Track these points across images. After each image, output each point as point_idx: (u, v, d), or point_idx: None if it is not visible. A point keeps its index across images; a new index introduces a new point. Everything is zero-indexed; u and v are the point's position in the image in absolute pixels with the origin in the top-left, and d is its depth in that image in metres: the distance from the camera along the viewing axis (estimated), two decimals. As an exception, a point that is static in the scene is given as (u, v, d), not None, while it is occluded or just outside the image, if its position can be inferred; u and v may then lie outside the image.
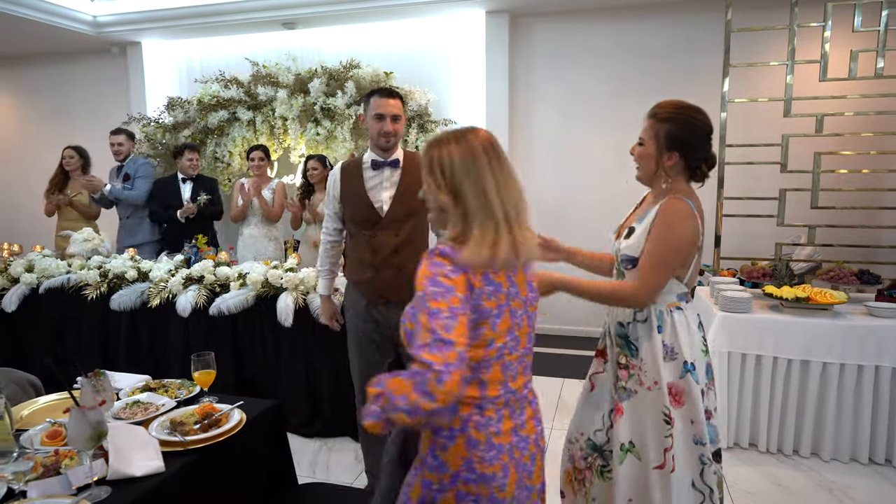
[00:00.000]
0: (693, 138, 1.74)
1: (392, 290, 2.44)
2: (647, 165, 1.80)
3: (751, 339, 3.03)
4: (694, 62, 4.71)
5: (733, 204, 3.91)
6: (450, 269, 1.17)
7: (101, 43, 5.90)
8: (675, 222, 1.68)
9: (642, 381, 1.78)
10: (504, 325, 1.25)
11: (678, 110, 1.77)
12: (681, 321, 1.76)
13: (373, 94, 2.39)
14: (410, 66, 5.21)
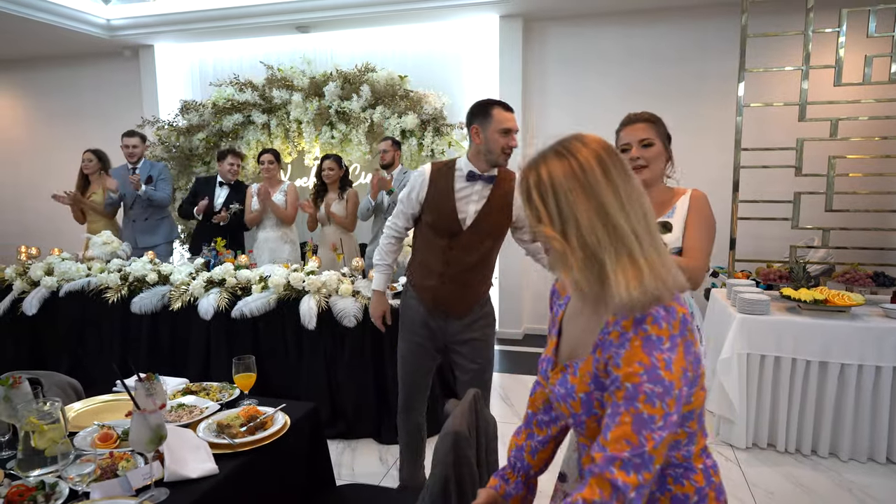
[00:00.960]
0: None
1: (453, 305, 2.40)
2: (659, 164, 1.90)
3: (769, 341, 3.07)
4: (706, 67, 4.75)
5: (747, 207, 3.96)
6: (668, 347, 0.91)
7: (113, 46, 5.93)
8: (709, 208, 1.85)
9: None
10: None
11: (652, 113, 1.96)
12: (696, 307, 1.90)
13: (493, 106, 2.25)
14: (424, 69, 5.25)
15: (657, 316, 0.92)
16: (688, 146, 4.92)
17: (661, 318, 0.92)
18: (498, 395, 3.99)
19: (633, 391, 0.90)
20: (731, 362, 3.08)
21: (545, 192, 0.98)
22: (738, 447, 3.16)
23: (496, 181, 2.34)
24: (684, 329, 0.93)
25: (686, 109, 4.87)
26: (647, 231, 0.97)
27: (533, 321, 5.50)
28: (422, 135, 4.74)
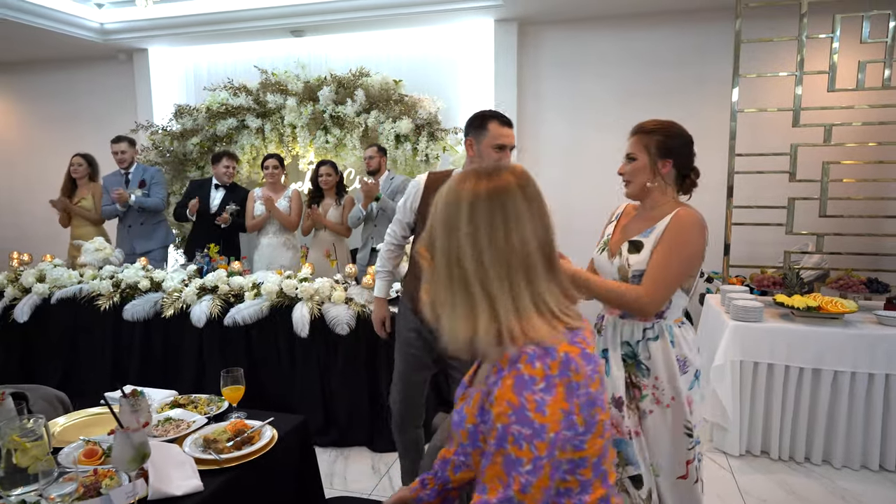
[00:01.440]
0: (681, 145, 1.83)
1: None
2: (640, 179, 1.85)
3: (763, 348, 3.06)
4: (703, 71, 4.75)
5: (742, 212, 3.95)
6: (541, 388, 0.88)
7: (107, 50, 5.91)
8: (690, 232, 1.73)
9: (659, 400, 1.81)
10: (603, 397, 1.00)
11: (661, 122, 1.85)
12: (687, 334, 1.84)
13: (489, 119, 2.17)
14: (419, 73, 5.24)
15: (531, 355, 0.90)
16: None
17: (535, 357, 0.89)
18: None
19: (502, 432, 0.88)
20: (725, 369, 3.07)
21: (434, 206, 1.00)
22: (731, 454, 3.15)
23: None
24: (566, 370, 0.90)
25: (683, 113, 4.77)
26: (507, 284, 0.93)
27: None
28: (416, 139, 4.72)
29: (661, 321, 1.82)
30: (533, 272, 0.96)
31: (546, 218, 1.00)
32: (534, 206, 0.98)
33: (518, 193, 0.98)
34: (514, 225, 0.95)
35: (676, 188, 1.88)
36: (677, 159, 1.83)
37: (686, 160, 1.85)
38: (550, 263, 0.99)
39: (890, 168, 4.17)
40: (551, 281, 0.98)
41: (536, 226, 0.97)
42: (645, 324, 1.84)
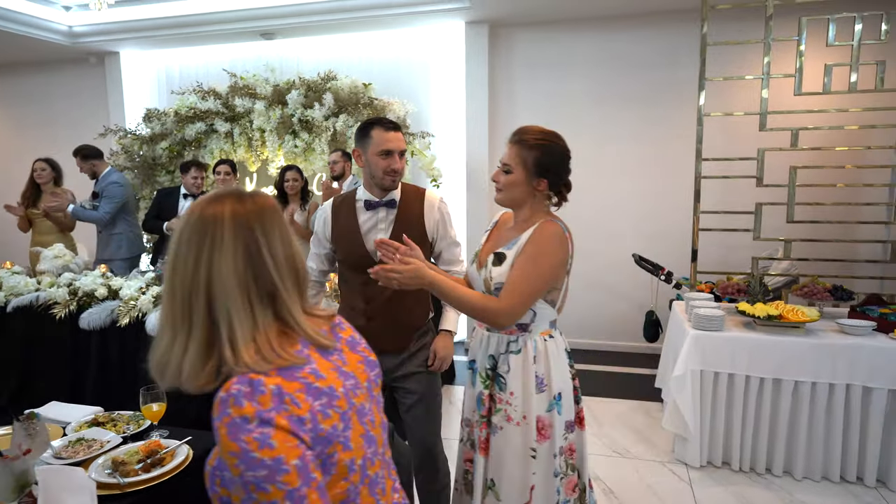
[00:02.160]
0: (558, 164, 1.76)
1: (385, 341, 2.19)
2: (514, 192, 1.78)
3: (723, 358, 3.00)
4: (675, 75, 4.69)
5: (712, 218, 3.90)
6: (256, 425, 0.83)
7: (78, 53, 5.85)
8: (549, 244, 1.70)
9: (510, 417, 1.75)
10: (357, 434, 0.97)
11: (544, 137, 1.76)
12: (553, 350, 1.77)
13: (372, 127, 2.09)
14: (391, 76, 5.18)
15: (238, 395, 0.84)
16: (656, 154, 4.87)
17: (242, 396, 0.84)
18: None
19: (241, 482, 0.81)
20: (685, 379, 3.01)
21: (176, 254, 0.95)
22: (692, 466, 3.09)
23: (400, 204, 2.18)
24: (280, 403, 0.85)
25: (654, 116, 4.81)
26: (227, 319, 0.90)
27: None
28: (384, 144, 4.65)
29: (526, 334, 1.77)
30: (250, 302, 0.93)
31: (272, 248, 0.96)
32: (247, 234, 0.94)
33: (228, 221, 0.93)
34: (218, 255, 0.92)
35: (548, 200, 1.82)
36: (553, 178, 1.76)
37: (561, 178, 1.78)
38: (274, 292, 0.95)
39: (858, 173, 4.13)
40: (275, 308, 0.95)
41: (241, 257, 0.92)
42: (510, 336, 1.79)
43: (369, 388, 1.07)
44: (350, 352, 1.07)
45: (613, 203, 4.99)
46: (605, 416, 3.78)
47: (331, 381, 0.95)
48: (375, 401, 1.08)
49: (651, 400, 3.96)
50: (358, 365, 1.06)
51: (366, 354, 1.11)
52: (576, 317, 5.17)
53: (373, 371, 1.11)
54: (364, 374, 1.07)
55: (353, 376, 1.02)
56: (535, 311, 1.76)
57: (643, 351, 4.90)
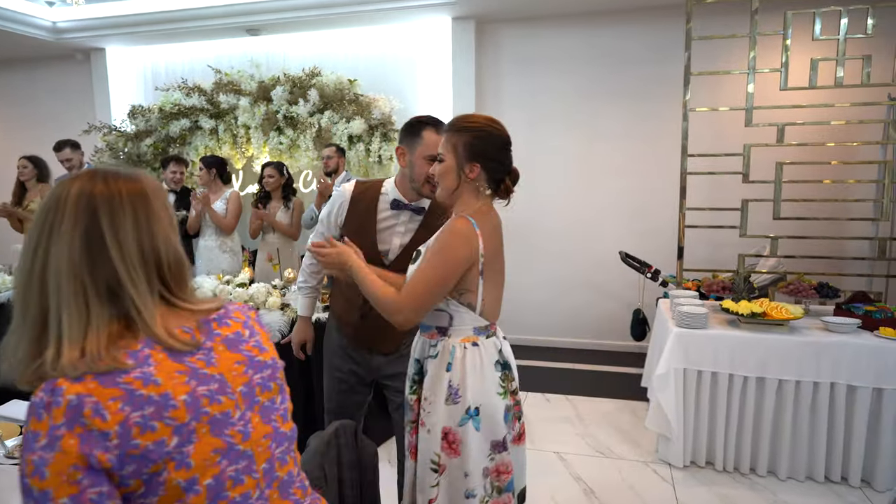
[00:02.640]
0: (490, 148, 1.62)
1: (377, 343, 2.19)
2: (448, 182, 1.66)
3: (706, 356, 2.96)
4: (662, 70, 4.65)
5: (699, 215, 3.85)
6: (43, 444, 0.75)
7: (64, 49, 5.79)
8: (451, 240, 1.58)
9: (423, 422, 1.66)
10: (208, 449, 0.85)
11: (475, 120, 1.66)
12: (473, 360, 1.61)
13: (424, 127, 1.96)
14: (377, 72, 5.13)
15: (38, 405, 0.76)
16: (644, 151, 4.83)
17: (41, 406, 0.76)
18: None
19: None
20: (668, 378, 2.97)
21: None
22: (675, 466, 3.05)
23: (427, 214, 2.06)
24: (76, 415, 0.76)
25: (642, 112, 4.77)
26: (56, 312, 0.82)
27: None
28: (369, 140, 4.61)
29: (445, 339, 1.64)
30: (85, 295, 0.84)
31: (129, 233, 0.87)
32: (88, 219, 0.86)
33: (71, 203, 0.85)
34: (56, 239, 0.84)
35: (492, 193, 1.67)
36: (487, 163, 1.62)
37: (498, 164, 1.64)
38: (116, 287, 0.86)
39: (844, 169, 4.09)
40: (118, 304, 0.86)
41: (78, 244, 0.84)
42: (431, 340, 1.68)
43: (248, 392, 0.94)
44: (227, 351, 0.94)
45: (601, 200, 4.95)
46: (591, 416, 3.74)
47: (168, 387, 0.82)
48: (261, 407, 0.95)
49: (637, 399, 3.92)
50: (234, 366, 0.93)
51: (252, 354, 0.97)
52: (563, 315, 5.13)
53: (259, 373, 0.97)
54: (242, 376, 0.94)
55: (220, 379, 0.90)
56: (450, 314, 1.63)
57: (631, 350, 4.86)
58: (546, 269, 5.12)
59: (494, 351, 1.67)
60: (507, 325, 5.31)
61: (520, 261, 5.18)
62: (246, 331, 0.99)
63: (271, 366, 1.00)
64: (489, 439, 1.61)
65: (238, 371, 0.93)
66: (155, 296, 0.89)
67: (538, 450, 3.29)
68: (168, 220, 0.93)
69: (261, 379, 0.97)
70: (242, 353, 0.96)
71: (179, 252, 0.95)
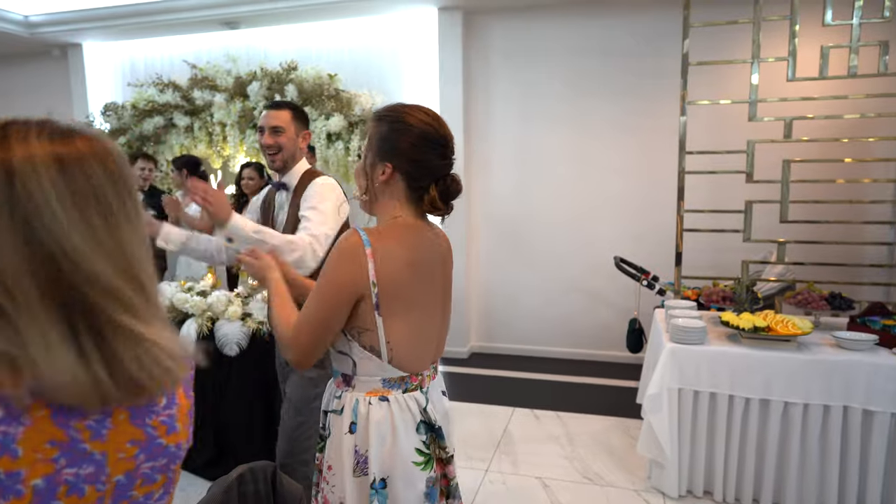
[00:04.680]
0: (405, 143, 1.27)
1: None
2: (358, 183, 1.38)
3: (703, 375, 2.67)
4: (658, 63, 4.35)
5: (699, 217, 3.56)
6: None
7: (40, 45, 5.58)
8: (329, 262, 1.27)
9: (328, 500, 1.34)
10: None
11: (396, 109, 1.32)
12: (382, 421, 1.27)
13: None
14: (361, 66, 4.88)
15: None
16: (640, 149, 4.53)
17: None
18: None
19: None
20: (661, 398, 2.68)
21: None
22: (670, 496, 2.75)
23: (296, 189, 2.14)
24: None
25: (638, 108, 4.48)
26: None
27: (482, 338, 5.10)
28: (349, 138, 4.35)
29: (348, 389, 1.32)
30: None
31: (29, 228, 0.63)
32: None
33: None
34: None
35: (413, 205, 1.32)
36: (402, 164, 1.28)
37: (418, 167, 1.28)
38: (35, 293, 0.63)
39: (860, 167, 3.77)
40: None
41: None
42: (336, 389, 1.36)
43: (126, 484, 0.69)
44: (126, 422, 0.70)
45: (595, 200, 4.65)
46: (580, 436, 3.45)
47: (23, 463, 0.61)
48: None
49: (632, 416, 3.62)
50: (125, 446, 0.69)
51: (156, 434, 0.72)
52: (555, 323, 4.84)
53: (152, 461, 0.72)
54: (129, 461, 0.70)
55: (99, 461, 0.66)
56: (353, 360, 1.30)
57: (627, 361, 4.55)
58: (536, 273, 4.84)
59: (415, 409, 1.32)
60: (494, 334, 5.11)
61: (508, 264, 4.90)
62: (163, 398, 0.74)
63: (172, 454, 0.75)
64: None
65: (127, 454, 0.70)
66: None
67: (520, 475, 3.01)
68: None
69: (150, 469, 0.73)
70: (144, 431, 0.71)
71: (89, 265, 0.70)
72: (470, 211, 4.82)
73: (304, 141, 2.18)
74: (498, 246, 4.91)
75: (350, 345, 1.30)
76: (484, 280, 4.99)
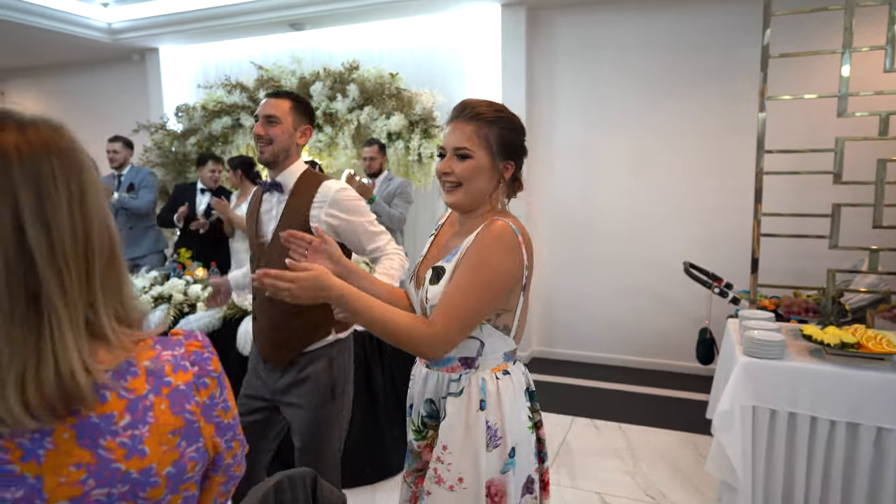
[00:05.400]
0: (522, 142, 1.44)
1: (267, 348, 1.94)
2: (481, 183, 1.37)
3: (782, 392, 2.45)
4: (737, 55, 4.08)
5: (779, 221, 3.30)
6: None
7: (122, 51, 5.89)
8: (492, 248, 1.31)
9: (441, 478, 1.32)
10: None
11: (502, 109, 1.42)
12: (508, 392, 1.36)
13: None
14: (423, 65, 4.86)
15: None
16: (714, 146, 4.28)
17: None
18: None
19: None
20: (733, 416, 2.48)
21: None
22: (741, 521, 2.54)
23: (294, 191, 1.92)
24: None
25: (714, 103, 4.22)
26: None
27: (543, 343, 4.96)
28: (409, 137, 4.32)
29: (471, 371, 1.36)
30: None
31: None
32: None
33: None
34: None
35: (505, 194, 1.45)
36: (519, 160, 1.43)
37: (522, 161, 1.45)
38: None
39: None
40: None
41: None
42: (451, 374, 1.38)
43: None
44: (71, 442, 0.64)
45: (664, 202, 4.42)
46: (644, 450, 3.27)
47: None
48: None
49: (701, 432, 3.40)
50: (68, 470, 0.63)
51: (110, 458, 0.65)
52: (619, 330, 4.64)
53: (106, 487, 0.65)
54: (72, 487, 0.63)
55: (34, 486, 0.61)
56: (481, 341, 1.35)
57: (696, 372, 4.30)
58: (601, 277, 4.65)
59: (522, 377, 1.43)
60: (556, 338, 4.95)
61: (571, 267, 4.74)
62: (127, 415, 0.66)
63: (136, 481, 0.66)
64: (521, 484, 1.39)
65: (70, 478, 0.63)
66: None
67: (577, 489, 2.87)
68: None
69: (105, 496, 0.64)
70: (94, 453, 0.64)
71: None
72: (531, 211, 4.69)
73: (302, 137, 1.98)
74: (560, 247, 4.76)
75: (482, 328, 1.34)
76: (546, 283, 4.84)
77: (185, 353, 0.73)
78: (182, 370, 0.71)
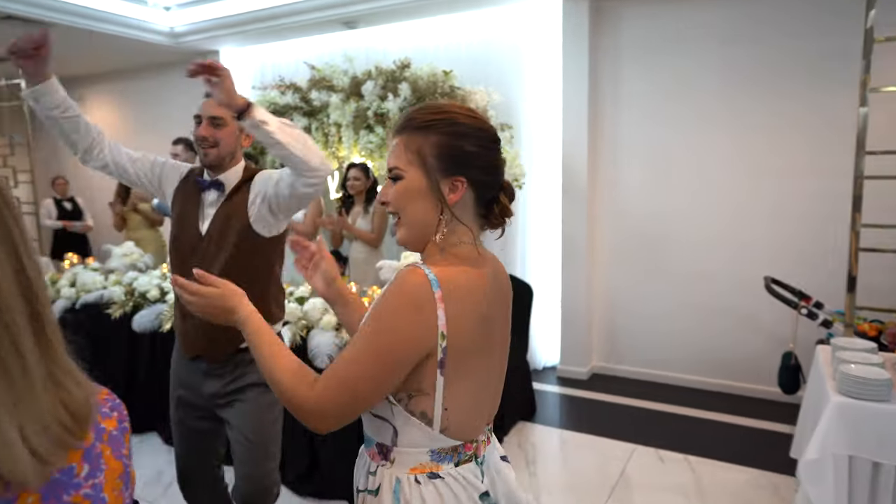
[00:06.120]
0: (477, 148, 1.04)
1: (201, 344, 1.90)
2: (417, 212, 1.06)
3: (888, 442, 2.06)
4: (832, 43, 3.61)
5: (882, 234, 2.85)
6: None
7: (185, 54, 5.97)
8: (392, 309, 0.99)
9: None
10: None
11: (443, 110, 1.06)
12: (431, 497, 1.01)
13: None
14: (479, 62, 4.63)
15: None
16: (801, 148, 3.82)
17: None
18: (543, 461, 3.25)
19: None
20: (824, 466, 2.11)
21: None
22: (833, 589, 2.17)
23: (233, 190, 1.88)
24: None
25: (803, 100, 3.76)
26: None
27: (604, 358, 4.61)
28: (461, 138, 4.10)
29: (385, 464, 1.05)
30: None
31: None
32: None
33: None
34: None
35: (480, 222, 1.10)
36: (476, 175, 1.05)
37: (490, 175, 1.07)
38: None
39: None
40: None
41: None
42: (370, 462, 1.09)
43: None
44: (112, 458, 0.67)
45: (745, 210, 3.99)
46: (713, 489, 2.91)
47: None
48: None
49: (782, 472, 3.00)
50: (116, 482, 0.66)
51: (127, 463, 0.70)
52: (688, 347, 4.24)
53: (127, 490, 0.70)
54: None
55: None
56: (394, 427, 1.04)
57: (779, 398, 3.84)
58: (671, 289, 4.26)
59: (475, 483, 1.06)
60: (619, 354, 4.59)
61: (638, 277, 4.38)
62: (85, 465, 0.64)
63: None
64: None
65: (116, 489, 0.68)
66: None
67: (636, 532, 2.57)
68: None
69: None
70: (122, 462, 0.69)
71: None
72: (591, 214, 4.37)
73: (247, 139, 1.94)
74: (627, 256, 4.40)
75: (392, 409, 1.03)
76: (609, 293, 4.50)
77: (101, 401, 0.71)
78: (107, 417, 0.70)
